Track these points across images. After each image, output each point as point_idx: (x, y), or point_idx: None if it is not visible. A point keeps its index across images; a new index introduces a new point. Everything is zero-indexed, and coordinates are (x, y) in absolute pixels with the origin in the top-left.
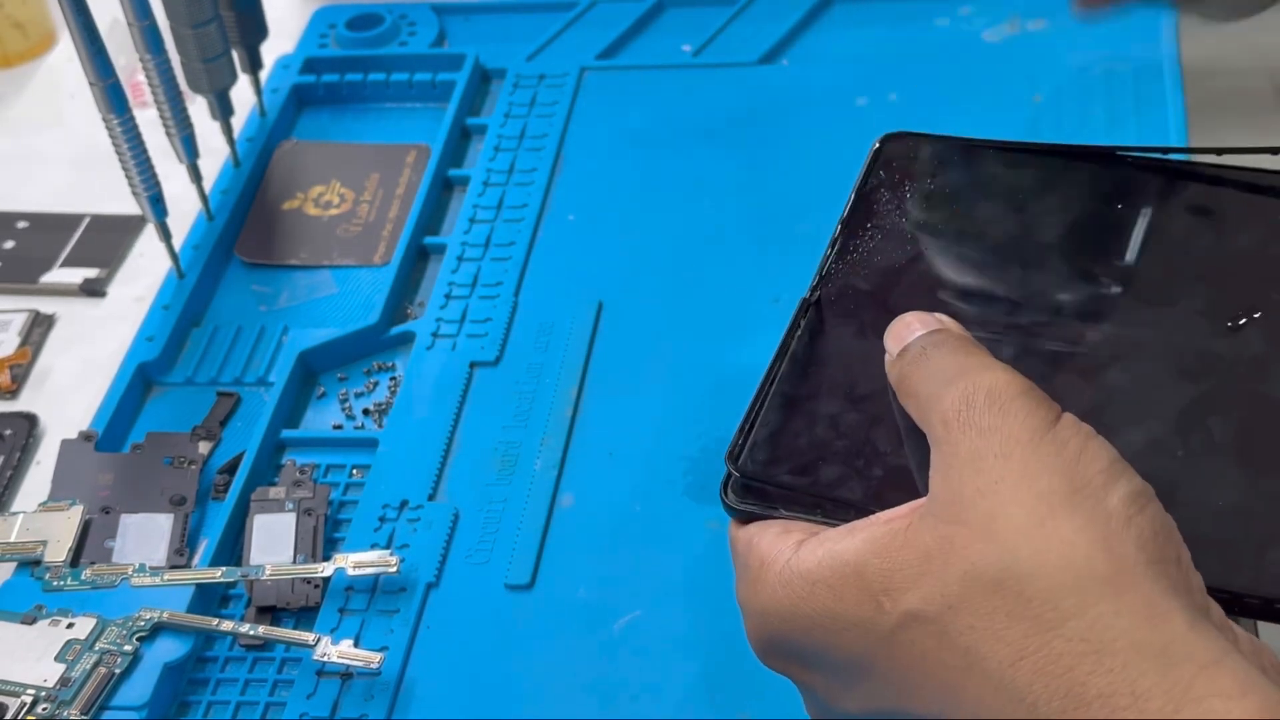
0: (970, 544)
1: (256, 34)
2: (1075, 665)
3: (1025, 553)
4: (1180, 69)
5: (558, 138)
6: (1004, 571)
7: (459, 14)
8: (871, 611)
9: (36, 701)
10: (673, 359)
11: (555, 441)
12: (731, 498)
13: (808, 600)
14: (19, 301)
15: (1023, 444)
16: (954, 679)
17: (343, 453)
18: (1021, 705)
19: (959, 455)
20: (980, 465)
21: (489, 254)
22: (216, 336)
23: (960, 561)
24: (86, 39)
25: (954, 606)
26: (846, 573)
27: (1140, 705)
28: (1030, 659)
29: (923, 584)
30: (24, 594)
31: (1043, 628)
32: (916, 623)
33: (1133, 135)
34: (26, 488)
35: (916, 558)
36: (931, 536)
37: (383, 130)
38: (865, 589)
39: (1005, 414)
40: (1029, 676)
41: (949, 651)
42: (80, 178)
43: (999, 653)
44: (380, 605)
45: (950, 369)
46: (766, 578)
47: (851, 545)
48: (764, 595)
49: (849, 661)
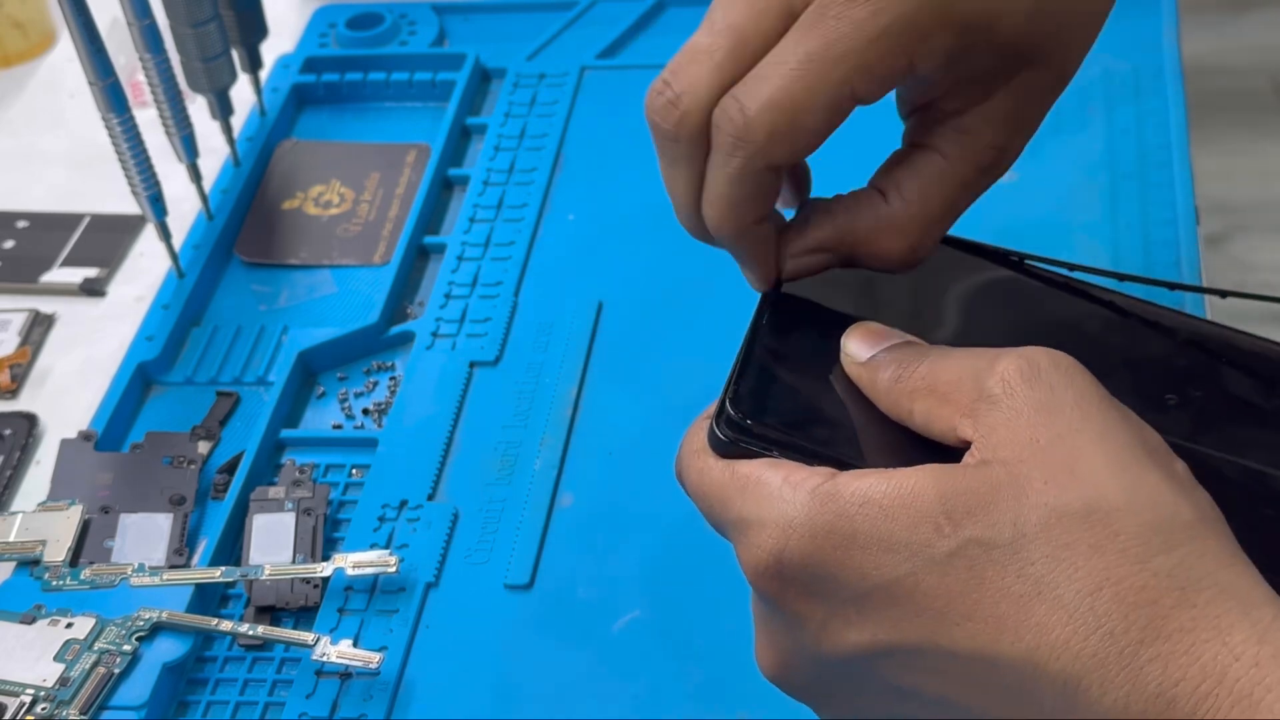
0: (1050, 480)
1: (256, 33)
2: (1159, 598)
3: (1112, 492)
4: (1180, 69)
5: (558, 138)
6: (1090, 506)
7: (459, 13)
8: (928, 534)
9: (35, 701)
10: (673, 359)
11: (555, 441)
12: (727, 430)
13: (851, 517)
14: (19, 301)
15: (1095, 401)
16: (1016, 606)
17: (342, 452)
18: (1095, 633)
19: (1030, 406)
20: (1055, 414)
21: (489, 254)
22: (216, 336)
23: (1039, 495)
24: (86, 39)
25: (1028, 535)
26: (902, 494)
27: (1223, 638)
28: (1112, 589)
29: (992, 513)
30: (23, 593)
31: (1128, 560)
32: (981, 549)
33: (1133, 135)
34: (26, 487)
35: (985, 489)
36: (1001, 472)
37: (383, 130)
38: (922, 512)
39: (1072, 376)
40: (1108, 605)
41: (1016, 579)
42: (80, 177)
43: (1078, 582)
44: (379, 605)
45: (974, 355)
46: (797, 494)
47: (907, 475)
48: (793, 507)
49: (880, 587)
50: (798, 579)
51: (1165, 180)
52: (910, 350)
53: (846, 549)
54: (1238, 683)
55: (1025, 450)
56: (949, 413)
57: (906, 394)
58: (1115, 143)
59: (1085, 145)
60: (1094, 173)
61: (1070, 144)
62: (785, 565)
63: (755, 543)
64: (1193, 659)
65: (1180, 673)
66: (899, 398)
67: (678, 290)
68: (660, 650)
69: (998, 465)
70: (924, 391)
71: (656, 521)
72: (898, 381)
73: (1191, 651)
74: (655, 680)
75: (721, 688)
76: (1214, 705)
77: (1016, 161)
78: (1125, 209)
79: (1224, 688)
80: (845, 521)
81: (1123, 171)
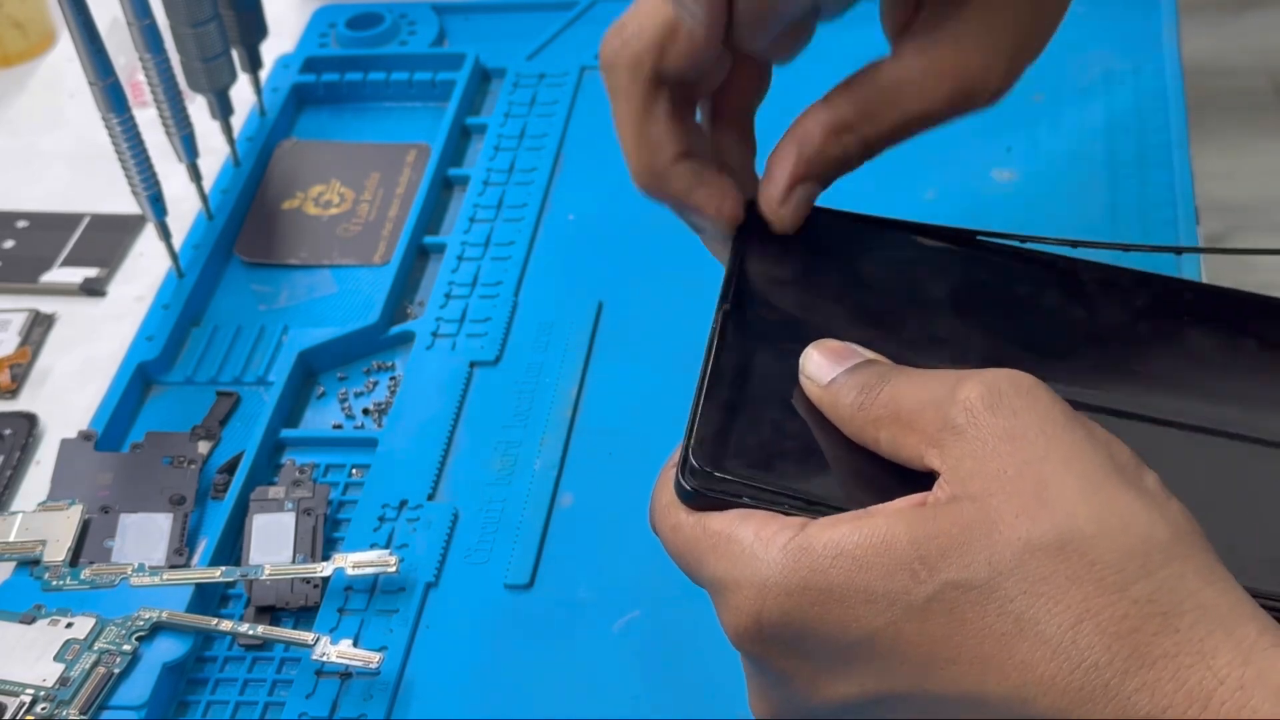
0: (1021, 513)
1: (256, 33)
2: (1141, 626)
3: (1085, 519)
4: (1180, 69)
5: (558, 137)
6: (1063, 537)
7: (459, 13)
8: (905, 581)
9: (35, 701)
10: (673, 359)
11: (555, 441)
12: (692, 480)
13: (825, 571)
14: (19, 301)
15: (1060, 424)
16: (998, 646)
17: (342, 452)
18: (1079, 668)
19: (994, 435)
20: (1020, 442)
21: (489, 253)
22: (216, 336)
23: (1011, 529)
24: (86, 38)
25: (1004, 572)
26: (875, 544)
27: (1207, 661)
28: (1092, 620)
29: (966, 553)
30: (23, 593)
31: (1106, 590)
32: (958, 591)
33: (1133, 135)
34: (26, 487)
35: (957, 529)
36: (971, 510)
37: (383, 130)
38: (897, 559)
39: (1034, 399)
40: (1090, 638)
41: (996, 617)
42: (80, 177)
43: (1058, 616)
44: (379, 605)
45: (935, 381)
46: (769, 551)
47: (878, 521)
48: (766, 567)
49: (862, 639)
50: (779, 638)
51: (1165, 180)
52: (871, 372)
53: (824, 604)
54: (1223, 706)
55: (994, 482)
56: (915, 441)
57: (871, 421)
58: (1115, 143)
59: (1085, 145)
60: (1094, 172)
61: (1070, 144)
62: (765, 626)
63: (733, 605)
64: (1178, 685)
65: (1167, 700)
66: (863, 425)
67: (678, 290)
68: (660, 650)
69: (967, 501)
70: (888, 419)
71: None
72: (860, 409)
73: (1177, 678)
74: (655, 680)
75: (721, 688)
76: None
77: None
78: (1125, 209)
79: (1210, 712)
80: (820, 576)
81: (1123, 172)
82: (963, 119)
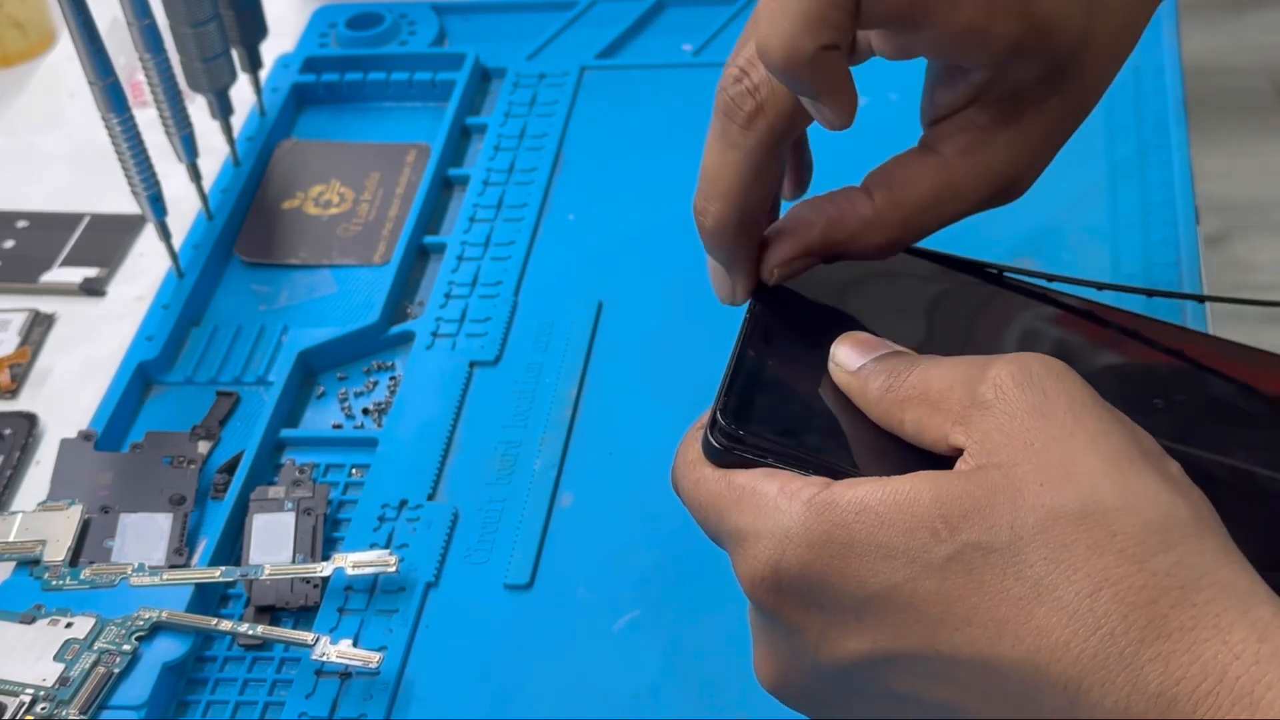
0: (1046, 482)
1: (256, 33)
2: (1159, 598)
3: (1109, 492)
4: (1180, 69)
5: (558, 137)
6: (1087, 507)
7: (459, 13)
8: (925, 539)
9: (35, 701)
10: (673, 359)
11: (555, 441)
12: (722, 439)
13: (848, 526)
14: (19, 301)
15: (1089, 405)
16: (1015, 609)
17: (342, 452)
18: (1095, 635)
19: (1023, 410)
20: (1050, 418)
21: (489, 253)
22: (216, 336)
23: (1035, 497)
24: (86, 38)
25: (1025, 538)
26: (898, 501)
27: (1223, 636)
28: (1110, 589)
29: (989, 516)
30: (23, 593)
31: (1126, 560)
32: (978, 552)
33: (1133, 135)
34: (26, 487)
35: (981, 492)
36: (997, 476)
37: (383, 130)
38: (919, 518)
39: (1064, 380)
40: (1107, 606)
41: (1015, 581)
42: (80, 177)
43: (1076, 583)
44: (379, 605)
45: (965, 363)
46: (792, 504)
47: (903, 481)
48: (789, 518)
49: (878, 594)
50: (795, 589)
51: (1165, 180)
52: (900, 359)
53: (844, 557)
54: (1238, 681)
55: (1021, 453)
56: (940, 421)
57: (897, 403)
58: (1115, 143)
59: (1085, 145)
60: (1094, 173)
61: (1070, 144)
62: (782, 576)
63: (752, 554)
64: (1193, 658)
65: (1181, 672)
66: (890, 407)
67: (678, 290)
68: (660, 650)
69: (993, 469)
70: (915, 400)
71: (656, 521)
72: (888, 391)
73: (1192, 650)
74: (655, 680)
75: (721, 687)
76: (1214, 704)
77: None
78: (1125, 209)
79: (1224, 686)
80: (842, 530)
81: (1123, 171)
82: None
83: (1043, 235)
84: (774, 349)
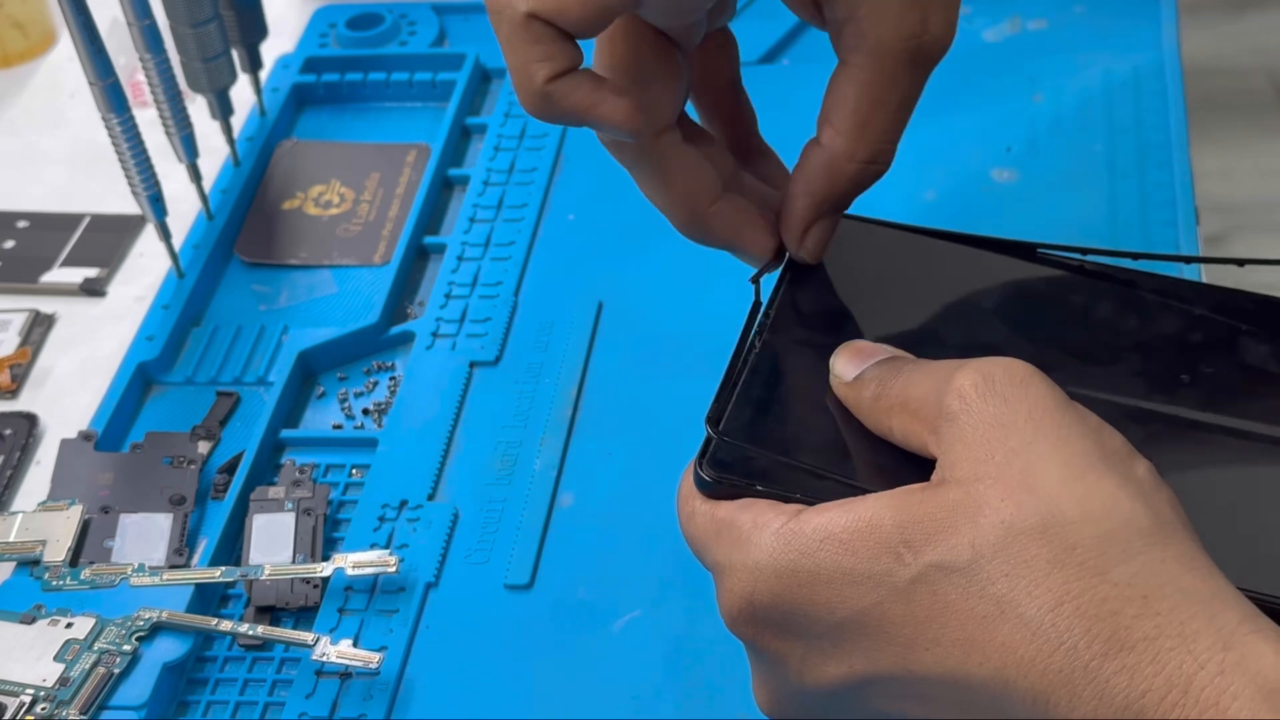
0: (1006, 497)
1: (256, 33)
2: (1121, 609)
3: (1068, 504)
4: (1180, 69)
5: (558, 137)
6: (1046, 521)
7: (459, 13)
8: (889, 563)
9: (35, 701)
10: (673, 359)
11: (555, 441)
12: (710, 471)
13: (813, 554)
14: (19, 301)
15: (1050, 411)
16: (980, 628)
17: (342, 452)
18: (1059, 650)
19: (984, 421)
20: (1010, 428)
21: (489, 254)
22: (216, 336)
23: (995, 513)
24: (86, 38)
25: (986, 556)
26: (860, 527)
27: (1188, 645)
28: (1072, 603)
29: (950, 536)
30: (23, 593)
31: (1087, 573)
32: (941, 573)
33: (1133, 135)
34: (26, 487)
35: (942, 512)
36: (957, 493)
37: (383, 130)
38: (882, 542)
39: (1027, 386)
40: (1070, 620)
41: (978, 600)
42: (80, 177)
43: (1038, 598)
44: (379, 605)
45: (940, 369)
46: (762, 536)
47: (865, 505)
48: (759, 551)
49: (849, 620)
50: (770, 620)
51: (1165, 180)
52: (889, 366)
53: (812, 586)
54: (1204, 691)
55: (980, 467)
56: (920, 429)
57: (885, 411)
58: (1115, 143)
59: (1085, 145)
60: (1094, 173)
61: (1070, 144)
62: (757, 608)
63: (727, 588)
64: (1158, 669)
65: (1146, 684)
66: (879, 415)
67: (678, 290)
68: (660, 650)
69: (954, 485)
70: (899, 408)
71: (656, 521)
72: (877, 400)
73: (1157, 661)
74: (655, 680)
75: (721, 688)
76: (1181, 715)
77: (1013, 149)
78: (1125, 209)
79: (1189, 698)
80: (807, 559)
81: (1123, 171)
82: (964, 117)
83: (1042, 235)
84: (772, 365)
